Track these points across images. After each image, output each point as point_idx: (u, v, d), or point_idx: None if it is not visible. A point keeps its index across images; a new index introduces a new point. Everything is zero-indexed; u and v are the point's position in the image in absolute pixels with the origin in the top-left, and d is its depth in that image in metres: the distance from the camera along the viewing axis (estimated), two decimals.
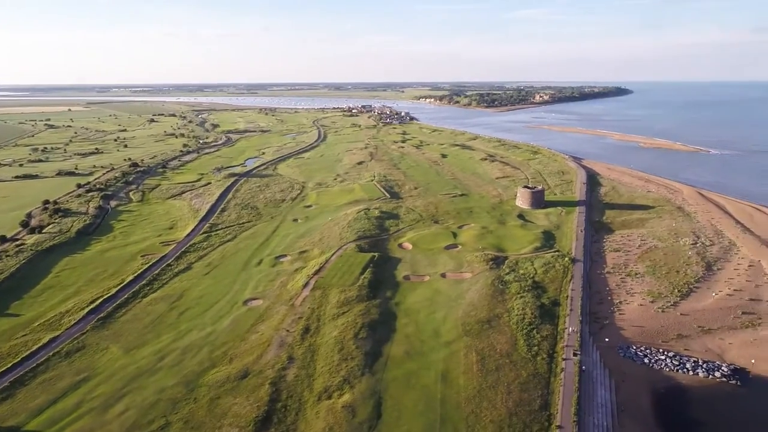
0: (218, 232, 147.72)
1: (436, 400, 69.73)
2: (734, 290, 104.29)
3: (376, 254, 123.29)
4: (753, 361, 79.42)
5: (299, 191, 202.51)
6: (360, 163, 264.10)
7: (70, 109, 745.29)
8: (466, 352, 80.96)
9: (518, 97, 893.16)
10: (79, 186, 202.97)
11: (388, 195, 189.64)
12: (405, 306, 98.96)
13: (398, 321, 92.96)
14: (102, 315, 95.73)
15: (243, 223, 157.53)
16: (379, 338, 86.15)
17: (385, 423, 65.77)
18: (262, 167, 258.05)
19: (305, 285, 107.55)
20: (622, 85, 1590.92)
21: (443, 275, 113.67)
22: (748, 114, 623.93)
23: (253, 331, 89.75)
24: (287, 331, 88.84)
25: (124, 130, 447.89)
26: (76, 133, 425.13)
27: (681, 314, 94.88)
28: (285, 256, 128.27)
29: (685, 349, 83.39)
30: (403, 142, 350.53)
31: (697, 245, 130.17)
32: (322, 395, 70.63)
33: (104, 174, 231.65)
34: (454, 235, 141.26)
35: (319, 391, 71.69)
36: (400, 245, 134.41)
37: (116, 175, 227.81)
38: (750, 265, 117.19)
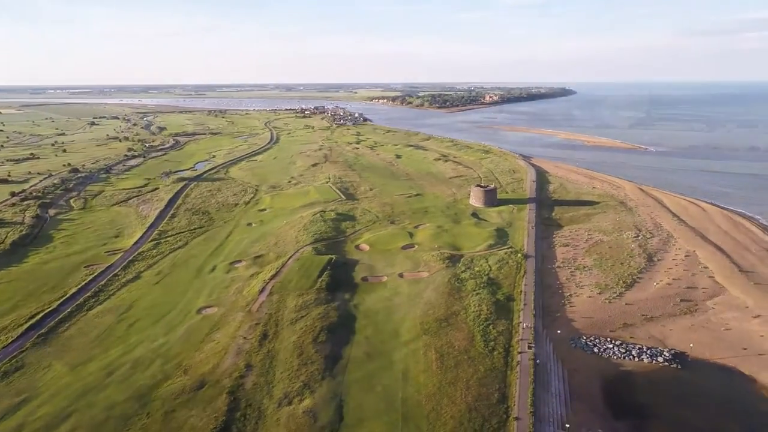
0: (168, 239, 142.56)
1: (398, 400, 70.26)
2: (673, 279, 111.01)
3: (333, 256, 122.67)
4: (691, 345, 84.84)
5: (252, 195, 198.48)
6: (314, 165, 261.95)
7: (0, 112, 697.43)
8: (426, 351, 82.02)
9: (469, 98, 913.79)
10: (13, 194, 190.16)
11: (343, 196, 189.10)
12: (364, 307, 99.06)
13: (357, 323, 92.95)
14: (43, 331, 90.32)
15: (194, 228, 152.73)
16: (339, 341, 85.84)
17: (347, 425, 65.60)
18: (213, 171, 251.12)
19: (262, 290, 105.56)
20: (566, 86, 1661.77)
21: (401, 275, 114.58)
22: (679, 112, 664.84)
23: (208, 340, 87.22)
24: (244, 338, 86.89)
25: (63, 134, 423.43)
26: (8, 137, 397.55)
27: (626, 304, 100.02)
28: (240, 261, 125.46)
29: (631, 337, 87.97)
30: (358, 143, 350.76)
31: (639, 238, 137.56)
32: (283, 402, 69.62)
33: (41, 181, 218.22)
34: (411, 235, 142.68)
35: (279, 397, 70.61)
36: (357, 247, 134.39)
37: (55, 181, 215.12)
38: (686, 255, 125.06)
